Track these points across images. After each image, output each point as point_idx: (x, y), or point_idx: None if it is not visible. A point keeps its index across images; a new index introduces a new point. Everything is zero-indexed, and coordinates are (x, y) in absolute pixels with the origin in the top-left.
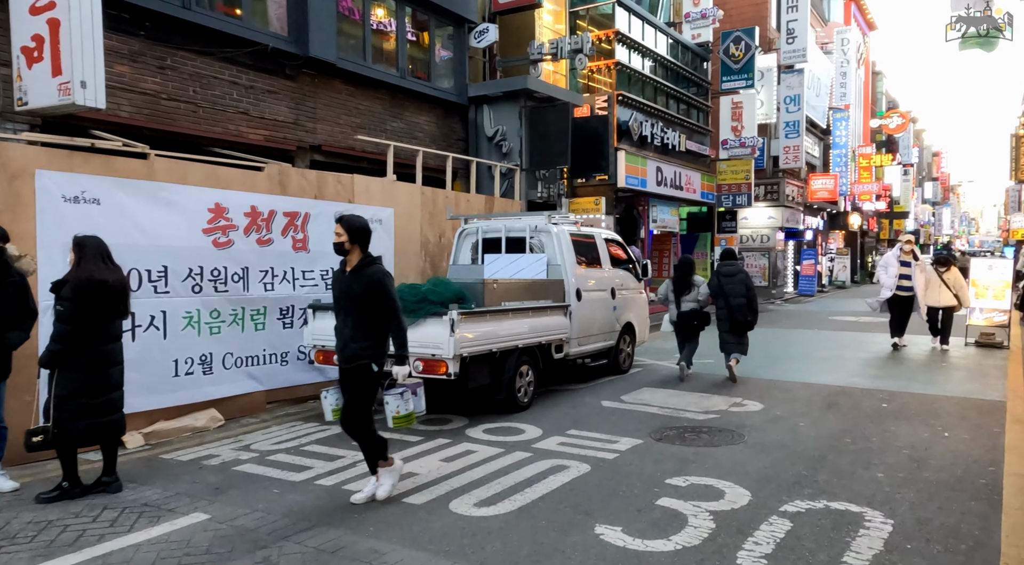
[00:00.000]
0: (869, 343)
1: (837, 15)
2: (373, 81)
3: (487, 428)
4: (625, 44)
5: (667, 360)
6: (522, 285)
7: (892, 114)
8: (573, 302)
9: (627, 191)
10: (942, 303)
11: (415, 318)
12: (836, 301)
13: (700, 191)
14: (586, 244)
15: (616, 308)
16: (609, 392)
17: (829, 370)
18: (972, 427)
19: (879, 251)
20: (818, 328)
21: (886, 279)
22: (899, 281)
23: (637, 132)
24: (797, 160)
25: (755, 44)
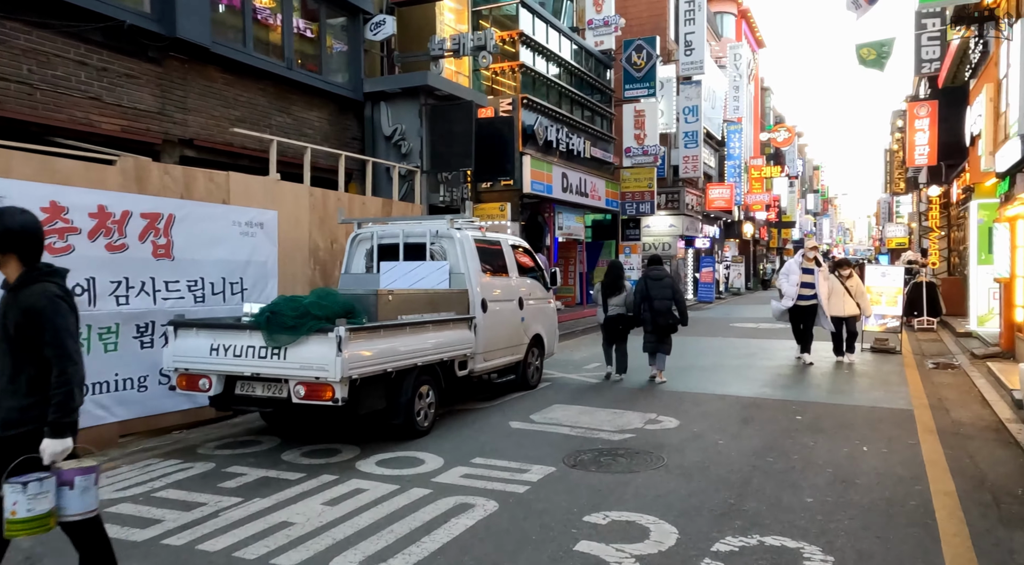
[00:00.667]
0: (774, 351)
1: (729, 32)
2: (255, 70)
3: (381, 459)
4: (529, 47)
5: (576, 372)
6: (422, 296)
7: (780, 128)
8: (478, 314)
9: (533, 197)
10: (847, 312)
11: (295, 335)
12: (735, 307)
13: (605, 198)
14: (492, 251)
15: (524, 319)
16: (518, 411)
17: (739, 380)
18: (887, 439)
19: (769, 259)
20: (723, 335)
21: (788, 288)
22: (801, 289)
23: (542, 137)
24: (696, 170)
25: (656, 53)
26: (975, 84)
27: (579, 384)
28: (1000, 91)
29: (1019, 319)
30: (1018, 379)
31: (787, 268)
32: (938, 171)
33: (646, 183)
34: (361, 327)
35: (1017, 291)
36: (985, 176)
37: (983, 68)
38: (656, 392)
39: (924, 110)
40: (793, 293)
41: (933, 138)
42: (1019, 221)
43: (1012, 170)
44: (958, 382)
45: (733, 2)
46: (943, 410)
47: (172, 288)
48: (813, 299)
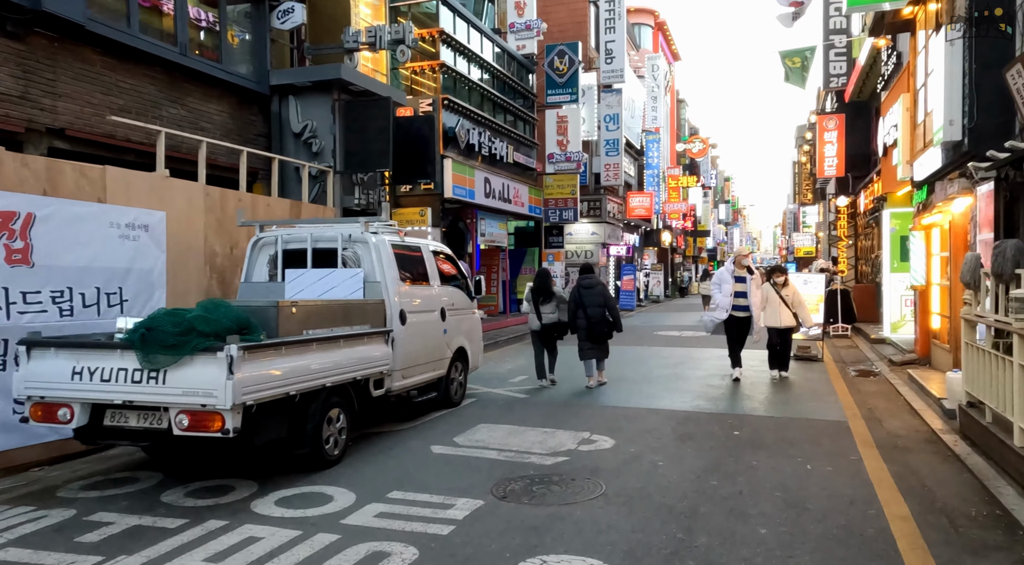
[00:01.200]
0: (701, 360)
1: (647, 43)
2: (142, 55)
3: (282, 497)
4: (450, 46)
5: (502, 386)
6: (332, 307)
7: (695, 140)
8: (396, 326)
9: (454, 202)
10: (783, 323)
11: (177, 355)
12: (656, 315)
13: (528, 205)
14: (411, 258)
15: (447, 331)
16: (440, 433)
17: (671, 391)
18: (829, 455)
19: (686, 267)
20: (648, 344)
21: (721, 298)
22: (735, 299)
23: (464, 140)
24: (617, 178)
25: (579, 59)
26: (887, 96)
27: (506, 400)
28: (916, 101)
29: (935, 326)
30: (944, 387)
31: (719, 277)
32: (846, 182)
33: (569, 190)
34: (258, 344)
35: (933, 299)
36: (898, 185)
37: (896, 80)
38: (588, 408)
39: (832, 123)
40: (727, 304)
41: (841, 150)
42: (934, 230)
43: (931, 179)
44: (883, 390)
45: (650, 14)
46: (875, 420)
47: (31, 300)
48: (747, 310)
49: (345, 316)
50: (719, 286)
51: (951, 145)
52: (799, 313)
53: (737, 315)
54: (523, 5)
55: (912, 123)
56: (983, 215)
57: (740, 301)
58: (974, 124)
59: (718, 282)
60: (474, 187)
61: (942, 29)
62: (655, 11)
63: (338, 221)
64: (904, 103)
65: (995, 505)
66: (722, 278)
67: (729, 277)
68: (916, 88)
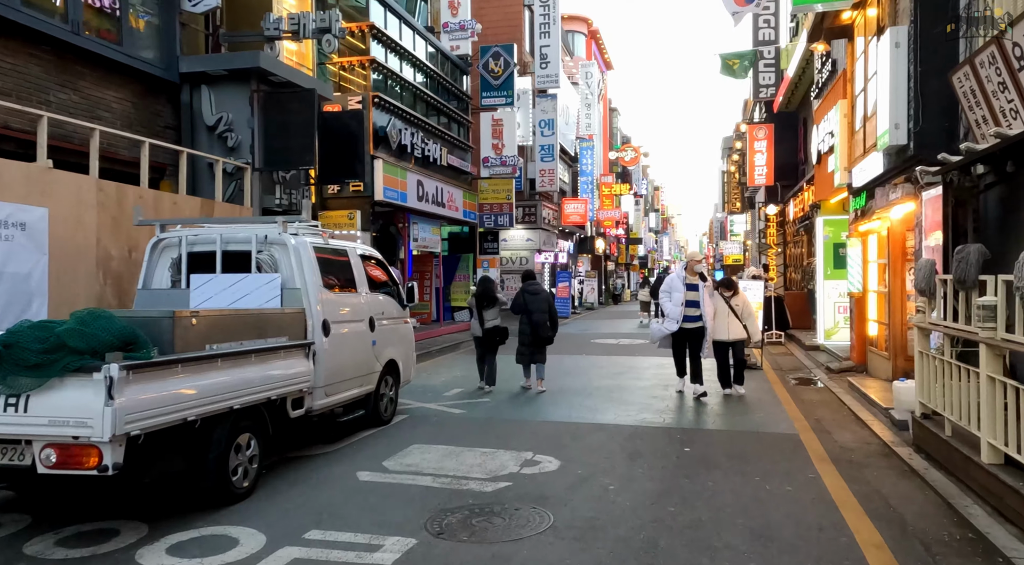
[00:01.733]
0: (641, 369)
1: (580, 51)
2: (25, 30)
3: (177, 543)
4: (381, 42)
5: (436, 401)
6: (242, 318)
7: (627, 148)
8: (319, 339)
9: (386, 205)
10: (732, 336)
11: (41, 377)
12: (591, 323)
13: (463, 209)
14: (336, 262)
15: (376, 343)
16: (368, 456)
17: (614, 404)
18: (787, 474)
19: (618, 274)
20: (587, 353)
21: (671, 308)
22: (686, 309)
23: (396, 140)
24: (552, 184)
25: (514, 61)
26: (821, 104)
27: (441, 416)
28: (855, 108)
29: (872, 333)
30: (889, 396)
31: (668, 284)
32: (775, 191)
33: (504, 194)
34: (147, 363)
35: (869, 306)
36: (832, 193)
37: (831, 87)
38: (530, 423)
39: (762, 133)
40: (678, 314)
41: (770, 159)
42: (871, 237)
43: (871, 185)
44: (826, 399)
45: (583, 22)
46: (825, 432)
47: None
48: (699, 321)
49: (258, 328)
50: (668, 294)
51: (895, 150)
52: (748, 325)
53: (688, 326)
54: (457, 5)
55: (850, 129)
56: (929, 221)
57: (692, 311)
58: (920, 128)
59: (668, 290)
60: (406, 190)
61: (886, 32)
62: (588, 19)
63: (253, 220)
64: (841, 109)
65: (967, 527)
66: (672, 286)
67: (680, 285)
68: (855, 94)
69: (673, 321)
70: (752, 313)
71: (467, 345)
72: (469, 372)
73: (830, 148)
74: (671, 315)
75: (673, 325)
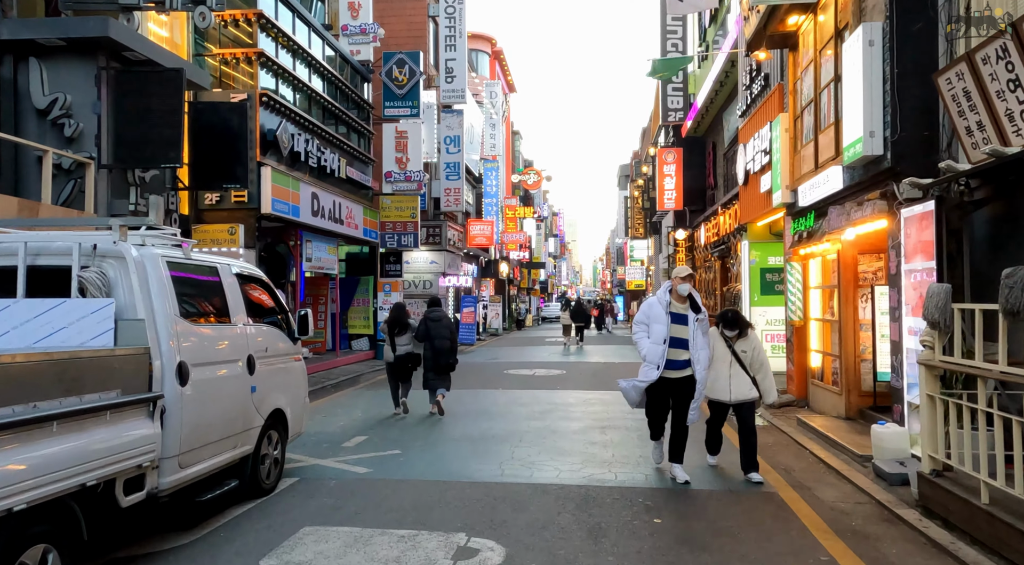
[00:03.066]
0: (568, 407)
1: (484, 70)
2: None
3: None
4: (271, 35)
5: (335, 455)
6: (45, 366)
7: (530, 171)
8: (171, 389)
9: (275, 220)
10: (736, 395)
11: None
12: (500, 350)
13: (363, 227)
14: (202, 283)
15: (257, 389)
16: (240, 551)
17: (552, 454)
18: (793, 556)
19: (521, 299)
20: (503, 386)
21: (649, 348)
22: (669, 350)
23: (288, 146)
24: (458, 203)
25: (419, 70)
26: (747, 123)
27: (341, 478)
28: (800, 122)
29: (815, 365)
30: (862, 441)
31: (646, 313)
32: (683, 216)
33: (409, 212)
34: None
35: (812, 335)
36: (759, 215)
37: (762, 103)
38: (457, 487)
39: (671, 156)
40: (657, 356)
41: (679, 184)
42: (812, 261)
43: (824, 203)
44: (781, 441)
45: (487, 42)
46: (804, 488)
47: None
48: (688, 368)
49: (69, 379)
50: (645, 327)
51: (866, 162)
52: (760, 380)
53: (672, 375)
54: (358, 7)
55: (792, 145)
56: (912, 241)
57: (678, 353)
58: (897, 136)
59: (644, 321)
60: (299, 203)
61: (857, 30)
62: (492, 39)
63: (76, 223)
64: (783, 124)
65: None
66: (652, 315)
67: (663, 314)
68: (800, 107)
69: (652, 366)
70: (765, 362)
71: (368, 377)
72: (372, 411)
73: (762, 167)
74: (649, 358)
75: (652, 372)
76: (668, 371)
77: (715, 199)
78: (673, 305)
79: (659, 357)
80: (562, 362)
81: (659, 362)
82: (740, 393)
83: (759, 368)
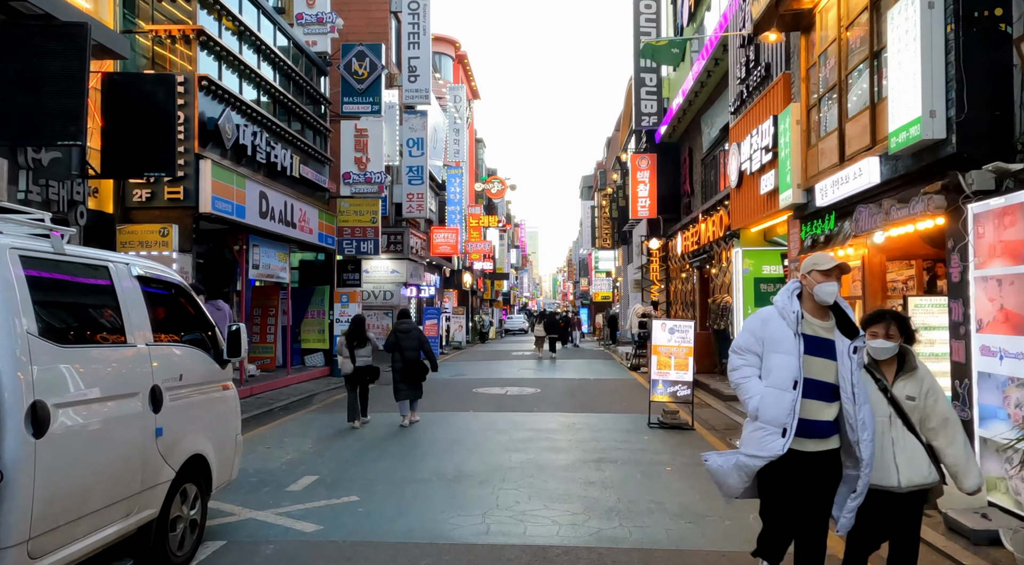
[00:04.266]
0: (550, 434)
1: (448, 75)
2: None
3: None
4: (213, 14)
5: (277, 502)
6: None
7: (493, 180)
8: (15, 444)
9: (217, 221)
10: (908, 479)
11: None
12: (465, 365)
13: (318, 232)
14: (82, 287)
15: (165, 431)
16: None
17: (541, 500)
18: None
19: (485, 310)
20: (474, 408)
21: (765, 396)
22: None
23: (232, 137)
24: (421, 209)
25: (381, 63)
26: (741, 120)
27: (282, 539)
28: (816, 112)
29: None
30: None
31: (755, 332)
32: (657, 224)
33: (369, 217)
34: None
35: None
36: (753, 220)
37: (760, 96)
38: (428, 549)
39: (645, 162)
40: (784, 415)
41: (653, 191)
42: None
43: (853, 201)
44: None
45: (451, 45)
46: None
47: None
48: (834, 435)
49: None
50: (756, 360)
51: (918, 149)
52: (942, 448)
53: (808, 448)
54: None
55: (805, 139)
56: (989, 241)
57: (818, 408)
58: (964, 116)
59: (752, 348)
60: (245, 203)
61: None
62: (456, 41)
63: None
64: (793, 116)
65: None
66: (768, 337)
67: (790, 336)
68: (818, 95)
69: (772, 431)
70: (951, 415)
71: (323, 397)
72: (326, 440)
73: (762, 166)
74: (765, 414)
75: (773, 442)
76: (802, 439)
77: (691, 207)
78: (807, 321)
79: (786, 414)
80: (535, 379)
81: (786, 423)
82: (917, 473)
83: (941, 426)
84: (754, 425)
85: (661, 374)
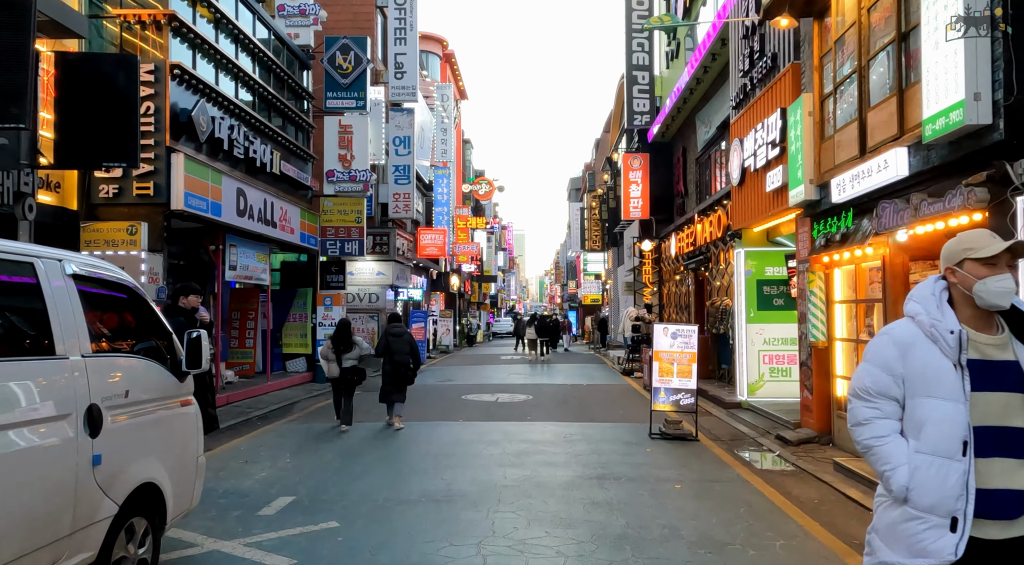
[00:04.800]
0: (547, 446)
1: (435, 73)
2: None
3: None
4: None
5: (247, 529)
6: None
7: (481, 181)
8: None
9: (191, 219)
10: None
11: None
12: (453, 370)
13: (300, 232)
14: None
15: (106, 458)
16: None
17: (543, 526)
18: None
19: (472, 314)
20: (463, 417)
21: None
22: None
23: (207, 130)
24: (408, 210)
25: (367, 57)
26: (744, 114)
27: None
28: (832, 102)
29: (840, 393)
30: None
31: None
32: (649, 225)
33: (353, 217)
34: None
35: (837, 359)
36: (756, 220)
37: (766, 88)
38: None
39: (637, 162)
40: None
41: (646, 191)
42: (837, 270)
43: (871, 198)
44: (827, 496)
45: (439, 43)
46: None
47: None
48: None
49: None
50: (895, 406)
51: (958, 137)
52: None
53: (990, 536)
54: None
55: (819, 131)
56: None
57: (1007, 473)
58: (1013, 99)
59: (883, 389)
60: (221, 200)
61: None
62: (444, 40)
63: None
64: (805, 107)
65: None
66: (911, 369)
67: (947, 367)
68: (834, 83)
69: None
70: None
71: (304, 405)
72: (306, 453)
73: (768, 162)
74: (923, 503)
75: (943, 544)
76: (982, 523)
77: (686, 207)
78: (971, 338)
79: (956, 496)
80: (526, 385)
81: (957, 509)
82: None
83: None
84: (901, 511)
85: (663, 382)
